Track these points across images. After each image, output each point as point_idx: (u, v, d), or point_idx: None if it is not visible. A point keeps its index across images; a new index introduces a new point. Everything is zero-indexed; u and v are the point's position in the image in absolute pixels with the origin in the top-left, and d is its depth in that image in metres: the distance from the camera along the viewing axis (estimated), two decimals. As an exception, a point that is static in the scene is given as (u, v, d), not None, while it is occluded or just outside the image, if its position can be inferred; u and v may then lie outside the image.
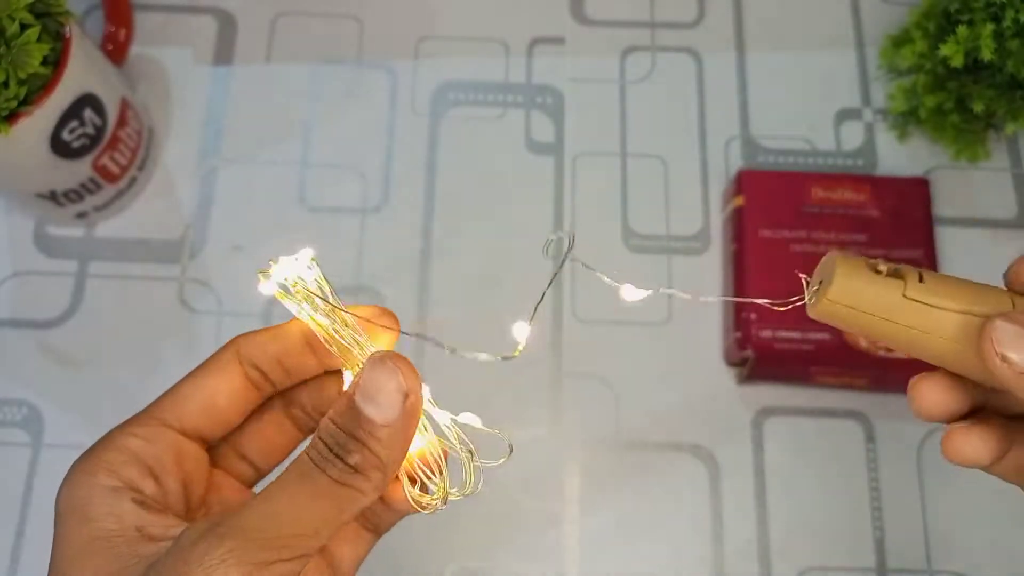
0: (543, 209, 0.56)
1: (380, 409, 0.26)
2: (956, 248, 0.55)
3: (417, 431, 0.28)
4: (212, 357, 0.30)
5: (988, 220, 0.56)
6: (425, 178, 0.56)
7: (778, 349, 0.49)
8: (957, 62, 0.51)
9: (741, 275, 0.51)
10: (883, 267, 0.29)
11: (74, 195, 0.51)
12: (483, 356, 0.30)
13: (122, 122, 0.51)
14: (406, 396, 0.26)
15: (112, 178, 0.52)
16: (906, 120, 0.57)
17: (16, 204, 0.54)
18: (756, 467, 0.51)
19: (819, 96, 0.59)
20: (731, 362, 0.52)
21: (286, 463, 0.28)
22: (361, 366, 0.27)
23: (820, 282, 0.30)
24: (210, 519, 0.25)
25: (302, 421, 0.32)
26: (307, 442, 0.28)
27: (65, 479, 0.28)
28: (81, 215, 0.53)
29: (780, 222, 0.51)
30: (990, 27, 0.49)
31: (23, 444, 0.50)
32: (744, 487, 0.51)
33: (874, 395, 0.52)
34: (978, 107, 0.52)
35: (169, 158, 0.56)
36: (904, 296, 0.28)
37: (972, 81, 0.53)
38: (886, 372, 0.49)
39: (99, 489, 0.27)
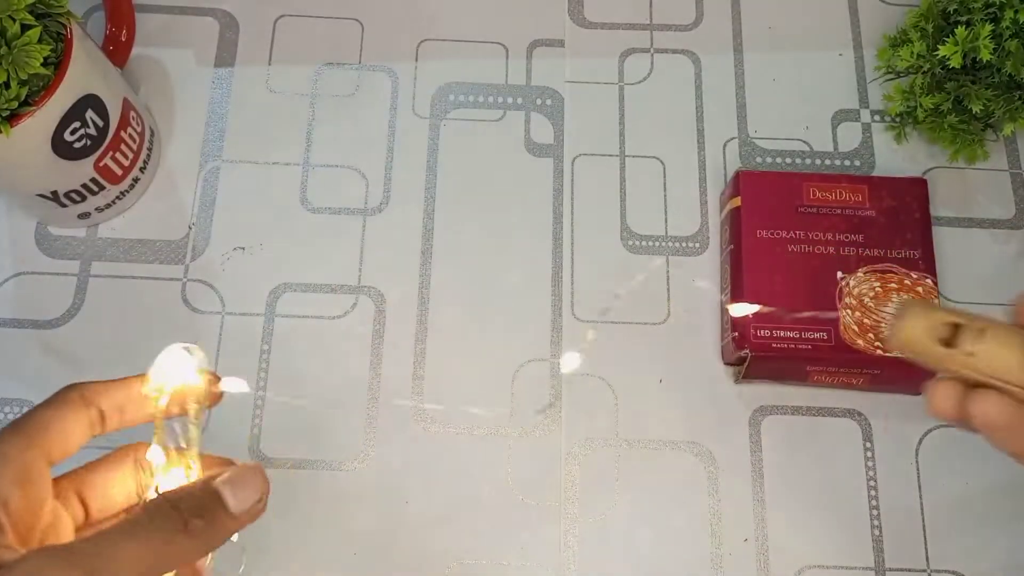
0: (543, 210, 0.56)
1: (236, 501, 0.32)
2: (954, 248, 0.55)
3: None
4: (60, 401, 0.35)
5: (986, 220, 0.56)
6: (426, 179, 0.57)
7: (775, 349, 0.49)
8: (956, 63, 0.51)
9: (738, 275, 0.51)
10: (944, 325, 0.34)
11: (76, 196, 0.51)
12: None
13: (124, 123, 0.51)
14: (259, 500, 0.33)
15: (114, 179, 0.52)
16: (904, 121, 0.57)
17: (18, 204, 0.55)
18: (754, 466, 0.51)
19: (817, 97, 0.59)
20: (728, 361, 0.52)
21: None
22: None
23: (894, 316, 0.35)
24: (53, 549, 0.29)
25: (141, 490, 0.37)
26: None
27: None
28: (83, 216, 0.53)
29: (777, 222, 0.51)
30: (988, 28, 0.50)
31: (25, 443, 0.51)
32: (742, 486, 0.51)
33: (871, 394, 0.52)
34: (976, 108, 0.52)
35: (171, 159, 0.57)
36: (960, 365, 0.34)
37: (970, 82, 0.53)
38: (883, 371, 0.49)
39: None
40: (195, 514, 0.30)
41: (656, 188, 0.57)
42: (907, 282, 0.50)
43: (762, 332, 0.49)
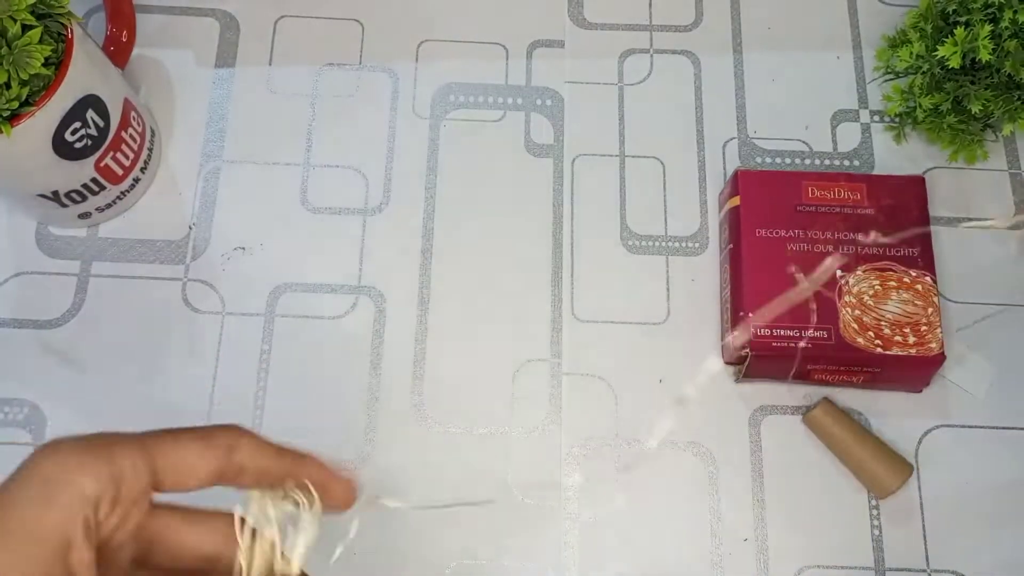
0: (543, 210, 0.56)
1: None
2: (953, 248, 0.55)
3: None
4: (208, 434, 0.31)
5: (986, 220, 0.56)
6: (426, 179, 0.57)
7: (775, 348, 0.49)
8: (955, 63, 0.51)
9: (738, 275, 0.51)
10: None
11: (77, 196, 0.51)
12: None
13: (125, 123, 0.51)
14: None
15: (115, 179, 0.52)
16: (903, 121, 0.57)
17: (19, 204, 0.55)
18: (754, 465, 0.51)
19: (816, 97, 0.59)
20: (729, 361, 0.52)
21: None
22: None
23: None
24: None
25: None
26: None
27: (65, 450, 0.28)
28: (84, 216, 0.53)
29: (776, 222, 0.51)
30: (987, 28, 0.50)
31: (25, 444, 0.51)
32: (742, 485, 0.51)
33: (871, 393, 0.52)
34: (975, 108, 0.52)
35: (172, 159, 0.57)
36: None
37: (969, 82, 0.53)
38: (883, 370, 0.49)
39: (78, 498, 0.27)
40: None
41: (656, 188, 0.57)
42: (906, 280, 0.50)
43: (762, 331, 0.49)
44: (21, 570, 0.26)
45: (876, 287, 0.50)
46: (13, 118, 0.44)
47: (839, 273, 0.50)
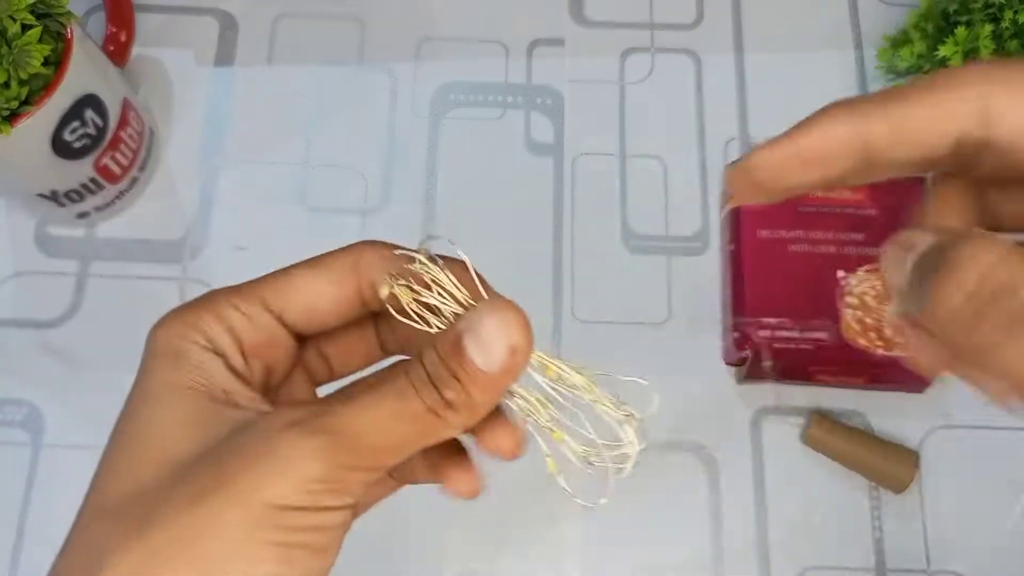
0: (543, 210, 0.56)
1: (485, 357, 0.25)
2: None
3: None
4: (331, 256, 0.29)
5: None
6: (425, 179, 0.56)
7: (776, 349, 0.49)
8: (956, 63, 0.51)
9: (739, 275, 0.51)
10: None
11: (75, 195, 0.51)
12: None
13: (123, 123, 0.51)
14: (513, 352, 0.26)
15: (113, 178, 0.52)
16: (905, 121, 0.57)
17: (17, 204, 0.54)
18: (755, 466, 0.51)
19: (817, 97, 0.58)
20: (730, 362, 0.52)
21: (358, 374, 0.30)
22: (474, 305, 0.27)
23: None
24: (297, 410, 0.25)
25: (389, 344, 0.32)
26: (387, 361, 0.29)
27: (161, 323, 0.28)
28: (82, 215, 0.53)
29: (778, 222, 0.51)
30: (988, 28, 0.50)
31: (23, 444, 0.50)
32: (743, 487, 0.51)
33: (873, 393, 0.52)
34: (976, 108, 0.52)
35: (170, 159, 0.57)
36: None
37: (970, 82, 0.53)
38: (884, 371, 0.49)
39: (195, 344, 0.27)
40: (445, 383, 0.25)
41: (657, 188, 0.56)
42: (908, 282, 0.50)
43: (763, 332, 0.49)
44: (177, 419, 0.26)
45: (878, 288, 0.50)
46: (12, 117, 0.44)
47: (841, 274, 0.50)
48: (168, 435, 0.25)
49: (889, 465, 0.49)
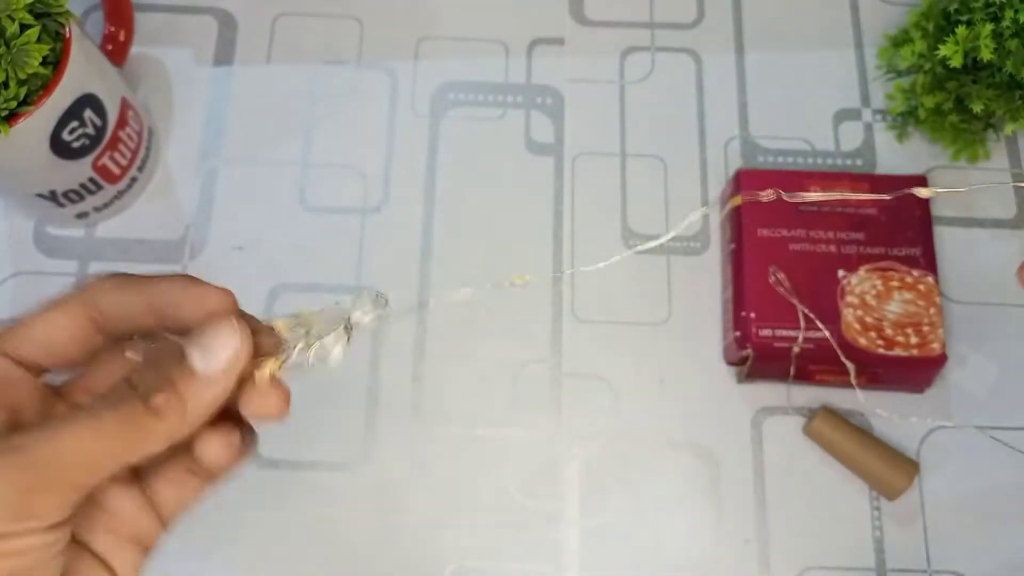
0: (543, 209, 0.56)
1: (207, 362, 0.27)
2: (955, 248, 0.55)
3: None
4: (66, 294, 0.29)
5: (987, 220, 0.56)
6: (425, 178, 0.56)
7: (777, 348, 0.49)
8: (956, 62, 0.51)
9: (740, 275, 0.51)
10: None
11: (74, 195, 0.51)
12: (463, 293, 0.31)
13: (122, 122, 0.51)
14: (236, 359, 0.27)
15: (112, 178, 0.52)
16: (905, 120, 0.57)
17: (16, 204, 0.54)
18: (756, 466, 0.51)
19: (818, 96, 0.59)
20: (731, 361, 0.52)
21: None
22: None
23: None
24: None
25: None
26: None
27: None
28: (81, 215, 0.53)
29: (778, 221, 0.51)
30: (989, 27, 0.49)
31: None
32: (744, 486, 0.51)
33: (873, 393, 0.52)
34: (977, 107, 0.52)
35: (170, 158, 0.56)
36: None
37: (971, 81, 0.53)
38: (885, 371, 0.49)
39: None
40: (156, 388, 0.26)
41: (657, 187, 0.56)
42: (908, 280, 0.50)
43: (764, 331, 0.49)
44: None
45: (878, 287, 0.50)
46: (11, 117, 0.44)
47: (841, 273, 0.50)
48: None
49: (886, 470, 0.49)
